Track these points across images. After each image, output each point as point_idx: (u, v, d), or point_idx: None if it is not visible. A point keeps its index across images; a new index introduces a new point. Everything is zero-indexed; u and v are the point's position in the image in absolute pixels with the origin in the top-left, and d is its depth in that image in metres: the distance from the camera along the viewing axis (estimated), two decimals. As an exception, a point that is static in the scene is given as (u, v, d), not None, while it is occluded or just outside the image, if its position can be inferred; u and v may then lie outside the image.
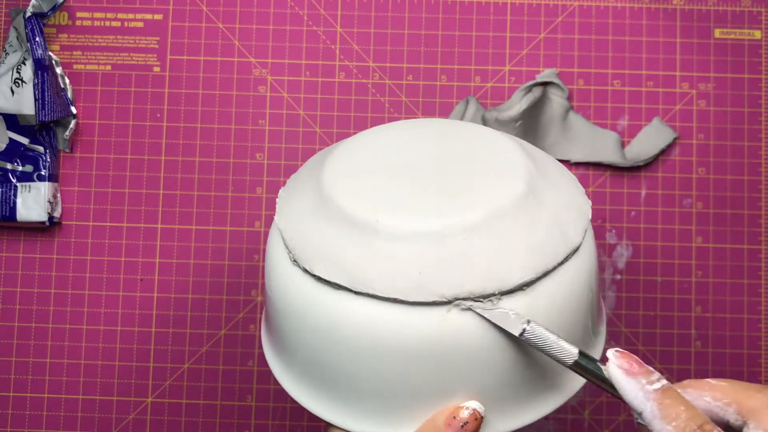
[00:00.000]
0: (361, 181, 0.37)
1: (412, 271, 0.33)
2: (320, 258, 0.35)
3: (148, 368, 0.58)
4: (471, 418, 0.34)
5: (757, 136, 0.59)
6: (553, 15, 0.60)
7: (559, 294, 0.35)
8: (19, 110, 0.56)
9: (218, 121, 0.59)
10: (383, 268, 0.34)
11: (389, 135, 0.40)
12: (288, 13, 0.60)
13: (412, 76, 0.59)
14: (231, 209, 0.59)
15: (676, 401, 0.30)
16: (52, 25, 0.60)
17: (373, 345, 0.34)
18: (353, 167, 0.38)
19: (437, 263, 0.33)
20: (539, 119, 0.58)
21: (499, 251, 0.34)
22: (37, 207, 0.57)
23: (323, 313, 0.35)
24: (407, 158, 0.38)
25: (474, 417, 0.34)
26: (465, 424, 0.34)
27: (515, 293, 0.34)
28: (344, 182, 0.37)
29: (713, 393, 0.32)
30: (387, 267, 0.34)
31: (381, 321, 0.34)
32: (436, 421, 0.34)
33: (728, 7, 0.60)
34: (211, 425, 0.57)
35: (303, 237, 0.36)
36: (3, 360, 0.58)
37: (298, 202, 0.38)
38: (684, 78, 0.59)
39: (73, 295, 0.58)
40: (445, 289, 0.33)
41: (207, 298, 0.58)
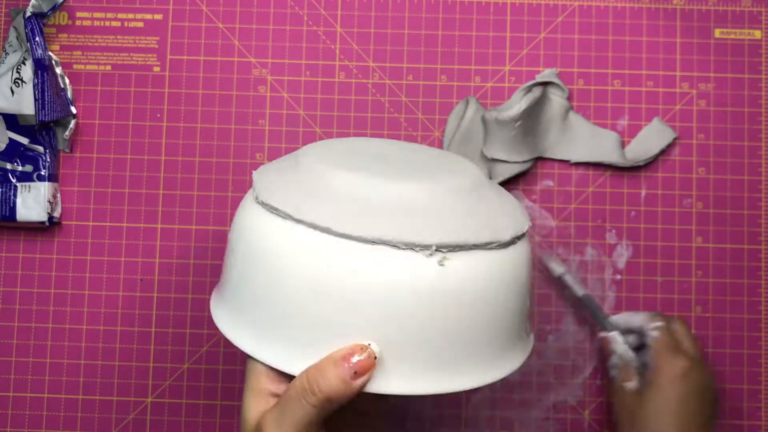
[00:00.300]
0: (335, 154, 0.41)
1: (355, 210, 0.37)
2: (276, 194, 0.39)
3: (148, 368, 0.58)
4: (365, 356, 0.35)
5: (757, 136, 0.59)
6: (553, 15, 0.60)
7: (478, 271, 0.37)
8: (19, 110, 0.56)
9: (218, 121, 0.59)
10: (332, 206, 0.37)
11: (360, 140, 0.46)
12: (288, 13, 0.60)
13: (412, 76, 0.59)
14: (231, 209, 0.59)
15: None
16: (52, 25, 0.60)
17: (298, 273, 0.36)
18: (329, 147, 0.43)
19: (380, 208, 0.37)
20: (539, 119, 0.58)
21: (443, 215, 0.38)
22: (37, 207, 0.57)
23: (264, 237, 0.38)
24: (375, 152, 0.44)
25: (368, 355, 0.35)
26: (358, 360, 0.35)
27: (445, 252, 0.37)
28: (318, 151, 0.42)
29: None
30: (336, 206, 0.37)
31: (312, 249, 0.36)
32: (335, 356, 0.36)
33: (728, 7, 0.60)
34: (211, 425, 0.57)
35: (269, 182, 0.40)
36: (3, 360, 0.58)
37: (275, 166, 0.43)
38: (684, 78, 0.59)
39: (73, 295, 0.58)
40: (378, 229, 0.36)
41: (207, 298, 0.58)
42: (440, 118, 0.59)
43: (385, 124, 0.59)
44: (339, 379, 0.35)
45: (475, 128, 0.57)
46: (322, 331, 0.36)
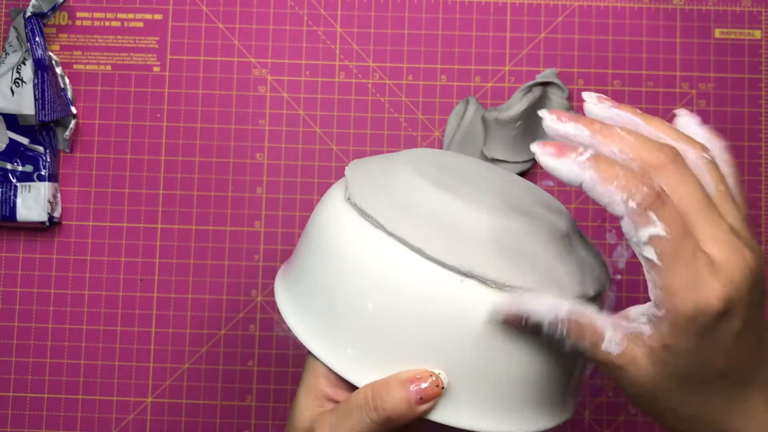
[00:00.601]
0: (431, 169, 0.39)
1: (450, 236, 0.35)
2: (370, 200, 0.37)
3: (148, 368, 0.58)
4: (433, 384, 0.35)
5: (757, 136, 0.59)
6: (553, 15, 0.60)
7: None
8: (19, 110, 0.56)
9: (218, 121, 0.59)
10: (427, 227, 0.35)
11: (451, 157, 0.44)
12: (288, 13, 0.60)
13: (412, 76, 0.59)
14: (231, 209, 0.59)
15: (611, 163, 0.30)
16: (52, 25, 0.60)
17: (380, 287, 0.35)
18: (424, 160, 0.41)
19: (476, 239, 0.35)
20: (539, 119, 0.58)
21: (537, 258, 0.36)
22: (37, 207, 0.57)
23: (351, 242, 0.37)
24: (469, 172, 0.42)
25: (436, 384, 0.35)
26: (425, 386, 0.35)
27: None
28: (414, 163, 0.39)
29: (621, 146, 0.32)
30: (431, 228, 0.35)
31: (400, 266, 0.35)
32: (401, 377, 0.35)
33: (728, 7, 0.60)
34: (211, 425, 0.57)
35: (363, 183, 0.38)
36: (3, 360, 0.58)
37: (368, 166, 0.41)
38: (684, 78, 0.59)
39: (73, 295, 0.58)
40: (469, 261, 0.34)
41: (207, 298, 0.58)
42: (440, 118, 0.59)
43: (385, 124, 0.59)
44: (404, 401, 0.35)
45: (475, 128, 0.57)
46: (395, 349, 0.35)
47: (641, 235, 0.30)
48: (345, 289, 0.36)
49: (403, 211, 0.36)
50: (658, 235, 0.30)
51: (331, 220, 0.38)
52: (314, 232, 0.40)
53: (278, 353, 0.58)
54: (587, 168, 0.30)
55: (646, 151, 0.32)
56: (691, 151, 0.33)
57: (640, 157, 0.31)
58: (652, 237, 0.30)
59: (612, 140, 0.32)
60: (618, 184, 0.30)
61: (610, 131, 0.32)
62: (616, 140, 0.32)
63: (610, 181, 0.30)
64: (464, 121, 0.57)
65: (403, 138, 0.59)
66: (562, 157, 0.31)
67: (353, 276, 0.36)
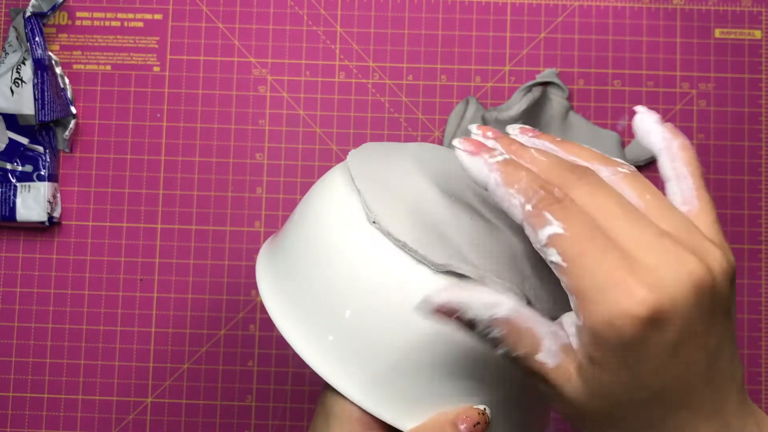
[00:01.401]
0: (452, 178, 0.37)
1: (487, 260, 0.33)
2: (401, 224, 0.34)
3: (148, 368, 0.58)
4: (483, 420, 0.33)
5: (758, 136, 0.59)
6: (553, 15, 0.60)
7: None
8: (19, 110, 0.56)
9: (218, 121, 0.59)
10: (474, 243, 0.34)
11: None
12: (288, 13, 0.60)
13: (412, 76, 0.59)
14: (231, 209, 0.59)
15: (517, 168, 0.30)
16: (52, 25, 0.60)
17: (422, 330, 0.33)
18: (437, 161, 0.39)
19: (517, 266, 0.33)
20: (539, 119, 0.58)
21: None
22: (36, 207, 0.57)
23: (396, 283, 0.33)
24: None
25: (485, 419, 0.34)
26: (477, 425, 0.33)
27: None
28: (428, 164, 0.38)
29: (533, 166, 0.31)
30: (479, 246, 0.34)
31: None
32: (448, 418, 0.33)
33: (728, 7, 0.60)
34: (211, 425, 0.57)
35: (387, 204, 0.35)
36: (3, 360, 0.58)
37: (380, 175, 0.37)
38: (684, 78, 0.59)
39: (73, 295, 0.58)
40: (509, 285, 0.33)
41: (207, 298, 0.58)
42: (440, 118, 0.59)
43: (385, 124, 0.59)
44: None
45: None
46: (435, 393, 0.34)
47: (540, 237, 0.28)
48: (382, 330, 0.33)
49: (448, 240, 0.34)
50: (556, 233, 0.28)
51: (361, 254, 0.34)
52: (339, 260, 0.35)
53: (278, 353, 0.58)
54: (494, 170, 0.30)
55: (556, 171, 0.30)
56: (604, 170, 0.31)
57: (549, 176, 0.30)
58: (550, 237, 0.28)
59: (524, 160, 0.31)
60: (518, 187, 0.29)
61: (525, 152, 0.32)
62: (528, 161, 0.31)
63: (512, 184, 0.29)
64: (464, 121, 0.57)
65: (403, 138, 0.59)
66: (476, 156, 0.30)
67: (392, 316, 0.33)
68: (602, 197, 0.29)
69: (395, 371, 0.34)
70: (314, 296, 0.35)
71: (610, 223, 0.28)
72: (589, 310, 0.27)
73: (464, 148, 0.31)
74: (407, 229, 0.34)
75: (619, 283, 0.26)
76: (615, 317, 0.26)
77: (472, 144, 0.31)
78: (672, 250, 0.27)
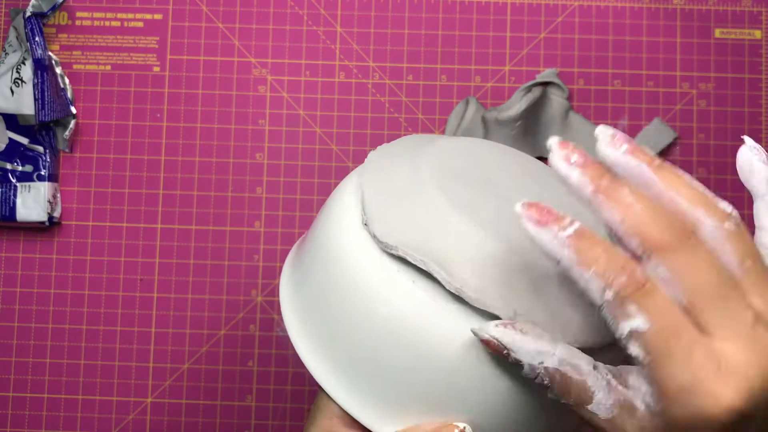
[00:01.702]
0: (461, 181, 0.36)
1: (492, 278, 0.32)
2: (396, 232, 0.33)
3: (148, 368, 0.58)
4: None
5: (758, 136, 0.59)
6: (553, 15, 0.60)
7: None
8: (19, 110, 0.56)
9: (218, 121, 0.59)
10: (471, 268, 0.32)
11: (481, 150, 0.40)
12: (288, 13, 0.60)
13: (412, 76, 0.59)
14: (231, 209, 0.59)
15: (593, 244, 0.27)
16: (52, 25, 0.60)
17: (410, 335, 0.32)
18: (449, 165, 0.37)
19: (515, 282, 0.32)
20: (539, 119, 0.58)
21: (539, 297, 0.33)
22: (36, 207, 0.57)
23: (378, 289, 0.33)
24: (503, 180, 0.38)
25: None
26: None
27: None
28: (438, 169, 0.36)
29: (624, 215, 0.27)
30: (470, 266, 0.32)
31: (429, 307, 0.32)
32: (425, 428, 0.33)
33: (728, 7, 0.60)
34: (211, 425, 0.57)
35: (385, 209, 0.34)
36: (3, 360, 0.58)
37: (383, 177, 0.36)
38: (684, 78, 0.59)
39: (73, 295, 0.58)
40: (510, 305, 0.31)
41: (207, 298, 0.58)
42: (440, 118, 0.59)
43: (385, 124, 0.59)
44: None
45: (475, 128, 0.57)
46: (418, 400, 0.33)
47: (621, 329, 0.26)
48: (366, 335, 0.34)
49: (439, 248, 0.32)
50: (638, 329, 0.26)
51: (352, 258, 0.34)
52: (325, 258, 0.36)
53: (278, 353, 0.58)
54: (566, 245, 0.27)
55: (651, 227, 0.27)
56: (708, 221, 0.27)
57: (643, 233, 0.27)
58: (633, 331, 0.26)
59: (615, 205, 0.27)
60: (596, 270, 0.26)
61: (617, 194, 0.27)
62: (620, 207, 0.27)
63: (588, 265, 0.27)
64: (464, 121, 0.57)
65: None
66: (543, 227, 0.27)
67: (377, 319, 0.33)
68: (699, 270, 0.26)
69: (381, 379, 0.34)
70: (314, 297, 0.36)
71: (702, 303, 0.26)
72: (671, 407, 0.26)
73: (529, 216, 0.28)
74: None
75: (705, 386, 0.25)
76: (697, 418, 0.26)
77: (538, 212, 0.27)
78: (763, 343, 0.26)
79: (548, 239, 0.27)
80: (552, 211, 0.28)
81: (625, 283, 0.26)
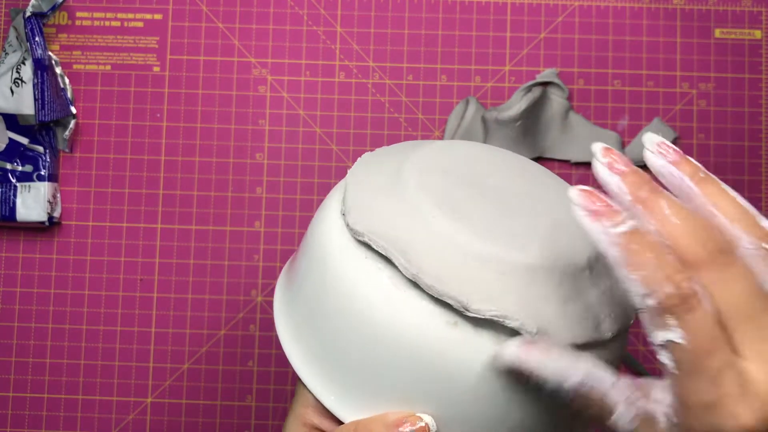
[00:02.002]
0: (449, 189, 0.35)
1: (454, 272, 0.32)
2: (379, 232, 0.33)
3: (148, 368, 0.58)
4: (419, 430, 0.32)
5: (758, 136, 0.59)
6: (553, 15, 0.60)
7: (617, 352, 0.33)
8: (19, 110, 0.56)
9: (218, 121, 0.59)
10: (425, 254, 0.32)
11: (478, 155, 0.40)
12: (288, 13, 0.60)
13: (412, 76, 0.59)
14: (231, 209, 0.59)
15: (644, 247, 0.26)
16: (52, 25, 0.60)
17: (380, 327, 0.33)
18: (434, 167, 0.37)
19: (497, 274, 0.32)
20: (539, 119, 0.58)
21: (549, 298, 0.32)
22: (36, 207, 0.57)
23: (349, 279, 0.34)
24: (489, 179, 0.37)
25: (422, 430, 0.32)
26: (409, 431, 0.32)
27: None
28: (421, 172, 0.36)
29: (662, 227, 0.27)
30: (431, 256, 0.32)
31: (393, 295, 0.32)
32: (387, 419, 0.33)
33: (728, 7, 0.60)
34: (211, 425, 0.57)
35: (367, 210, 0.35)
36: (3, 360, 0.58)
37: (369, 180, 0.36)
38: (684, 78, 0.59)
39: (73, 295, 0.58)
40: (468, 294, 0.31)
41: (207, 298, 0.58)
42: (440, 118, 0.59)
43: (385, 124, 0.59)
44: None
45: (475, 128, 0.57)
46: (384, 389, 0.33)
47: (655, 337, 0.26)
48: (340, 326, 0.34)
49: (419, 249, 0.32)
50: (674, 342, 0.26)
51: (328, 249, 0.35)
52: (312, 258, 0.36)
53: (278, 353, 0.58)
54: (616, 244, 0.26)
55: (687, 241, 0.26)
56: (746, 239, 0.27)
57: (678, 246, 0.27)
58: (668, 343, 0.26)
59: (653, 217, 0.27)
60: (642, 275, 0.26)
61: (655, 205, 0.27)
62: (657, 218, 0.27)
63: (635, 268, 0.26)
64: (464, 121, 0.57)
65: (403, 138, 0.59)
66: (596, 221, 0.27)
67: (353, 314, 0.34)
68: (732, 289, 0.26)
69: (350, 367, 0.34)
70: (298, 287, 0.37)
71: (736, 324, 0.26)
72: (691, 420, 0.26)
73: (583, 205, 0.27)
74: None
75: (727, 406, 0.25)
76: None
77: (592, 201, 0.27)
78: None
79: (598, 232, 0.27)
80: (608, 203, 0.27)
81: (670, 296, 0.26)
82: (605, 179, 0.28)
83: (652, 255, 0.26)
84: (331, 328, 0.34)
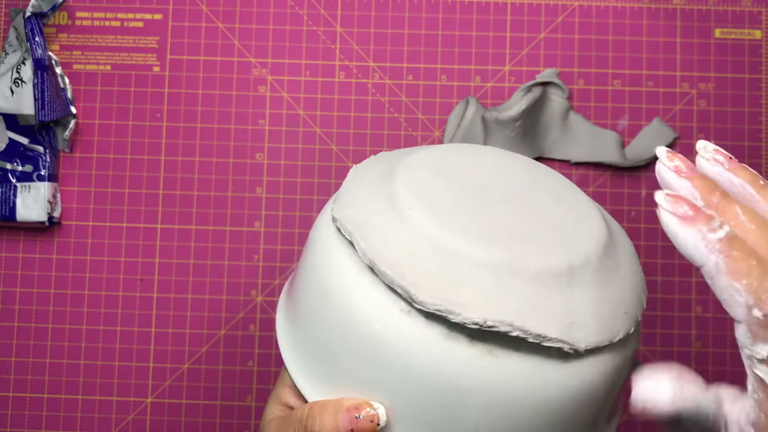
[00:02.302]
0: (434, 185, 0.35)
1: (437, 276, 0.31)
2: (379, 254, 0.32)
3: (148, 368, 0.58)
4: (367, 418, 0.32)
5: (757, 136, 0.59)
6: (553, 15, 0.60)
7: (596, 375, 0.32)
8: (19, 110, 0.56)
9: (218, 121, 0.59)
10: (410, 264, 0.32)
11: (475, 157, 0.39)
12: (288, 13, 0.60)
13: (412, 76, 0.59)
14: (231, 209, 0.59)
15: (746, 255, 0.24)
16: (52, 25, 0.60)
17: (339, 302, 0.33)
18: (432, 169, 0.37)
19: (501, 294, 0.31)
20: (539, 119, 0.58)
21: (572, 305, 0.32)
22: (36, 207, 0.57)
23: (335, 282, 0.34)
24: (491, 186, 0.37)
25: (371, 419, 0.32)
26: (359, 418, 0.32)
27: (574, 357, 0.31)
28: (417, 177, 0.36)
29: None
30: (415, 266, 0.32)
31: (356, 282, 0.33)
32: (341, 404, 0.33)
33: (728, 7, 0.60)
34: (211, 426, 0.57)
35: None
36: (3, 360, 0.58)
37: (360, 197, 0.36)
38: (684, 78, 0.59)
39: (73, 295, 0.58)
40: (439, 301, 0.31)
41: (207, 298, 0.58)
42: (440, 118, 0.59)
43: (385, 124, 0.59)
44: (333, 427, 0.33)
45: (475, 128, 0.57)
46: (344, 375, 0.34)
47: (758, 349, 0.25)
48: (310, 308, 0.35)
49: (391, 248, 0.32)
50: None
51: (315, 236, 0.36)
52: (306, 261, 0.37)
53: (278, 353, 0.58)
54: (716, 251, 0.24)
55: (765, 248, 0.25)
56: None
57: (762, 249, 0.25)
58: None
59: (727, 223, 0.26)
60: (748, 283, 0.24)
61: (729, 210, 0.26)
62: (733, 224, 0.26)
63: (740, 277, 0.24)
64: (464, 121, 0.57)
65: (403, 138, 0.59)
66: (691, 226, 0.25)
67: (318, 298, 0.34)
68: None
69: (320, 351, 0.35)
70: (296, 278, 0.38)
71: None
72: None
73: (674, 210, 0.25)
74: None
75: None
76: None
77: (682, 205, 0.25)
78: None
79: (694, 240, 0.25)
80: (699, 207, 0.25)
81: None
82: (675, 183, 0.27)
83: (756, 262, 0.24)
84: (305, 310, 0.36)
